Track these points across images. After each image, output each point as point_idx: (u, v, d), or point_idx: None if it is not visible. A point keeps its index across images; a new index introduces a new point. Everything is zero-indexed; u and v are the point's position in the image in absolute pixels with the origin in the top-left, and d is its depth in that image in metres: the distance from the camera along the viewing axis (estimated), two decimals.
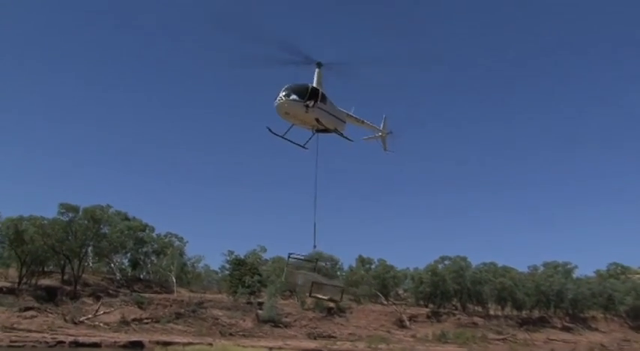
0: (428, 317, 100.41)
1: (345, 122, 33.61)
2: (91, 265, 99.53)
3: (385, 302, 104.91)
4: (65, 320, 74.58)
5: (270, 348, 72.28)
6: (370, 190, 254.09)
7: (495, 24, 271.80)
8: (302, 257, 32.94)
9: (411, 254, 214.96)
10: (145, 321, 79.72)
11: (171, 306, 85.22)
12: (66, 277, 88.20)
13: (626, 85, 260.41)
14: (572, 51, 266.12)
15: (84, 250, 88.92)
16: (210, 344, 70.67)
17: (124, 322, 77.61)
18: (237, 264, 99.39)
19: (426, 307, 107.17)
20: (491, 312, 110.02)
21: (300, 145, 31.88)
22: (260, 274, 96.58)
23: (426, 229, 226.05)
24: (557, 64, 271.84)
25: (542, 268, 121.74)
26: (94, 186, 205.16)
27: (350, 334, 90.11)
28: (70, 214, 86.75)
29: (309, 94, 29.61)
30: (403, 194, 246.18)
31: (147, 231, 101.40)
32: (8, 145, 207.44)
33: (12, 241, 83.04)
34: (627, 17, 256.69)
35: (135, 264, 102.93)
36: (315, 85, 30.70)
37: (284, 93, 29.20)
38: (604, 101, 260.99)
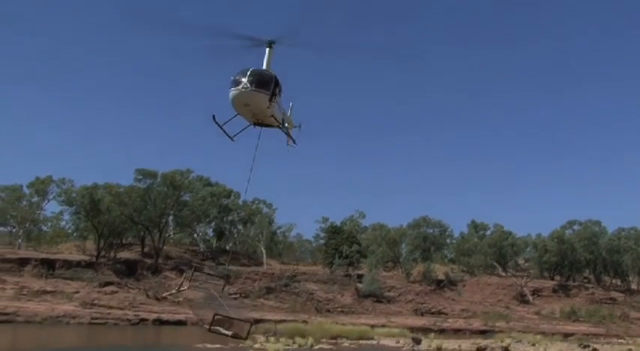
0: (554, 291, 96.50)
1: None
2: (172, 236, 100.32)
3: (503, 274, 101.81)
4: (147, 296, 75.83)
5: (372, 326, 71.25)
6: (483, 150, 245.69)
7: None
8: (211, 272, 29.38)
9: (532, 219, 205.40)
10: (233, 296, 78.29)
11: (260, 280, 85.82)
12: (146, 249, 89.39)
13: None
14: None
15: (164, 220, 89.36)
16: (305, 322, 70.09)
17: None
18: (334, 232, 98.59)
19: (552, 279, 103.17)
20: (634, 286, 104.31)
21: (230, 137, 27.08)
22: (359, 244, 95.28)
23: (548, 192, 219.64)
24: None
25: None
26: (169, 150, 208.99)
27: (463, 310, 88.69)
28: (148, 181, 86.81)
29: (274, 86, 24.76)
30: (519, 155, 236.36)
31: (232, 197, 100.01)
32: (78, 111, 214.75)
33: (88, 211, 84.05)
34: None
35: (220, 234, 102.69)
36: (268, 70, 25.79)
37: (247, 79, 23.78)
38: None
